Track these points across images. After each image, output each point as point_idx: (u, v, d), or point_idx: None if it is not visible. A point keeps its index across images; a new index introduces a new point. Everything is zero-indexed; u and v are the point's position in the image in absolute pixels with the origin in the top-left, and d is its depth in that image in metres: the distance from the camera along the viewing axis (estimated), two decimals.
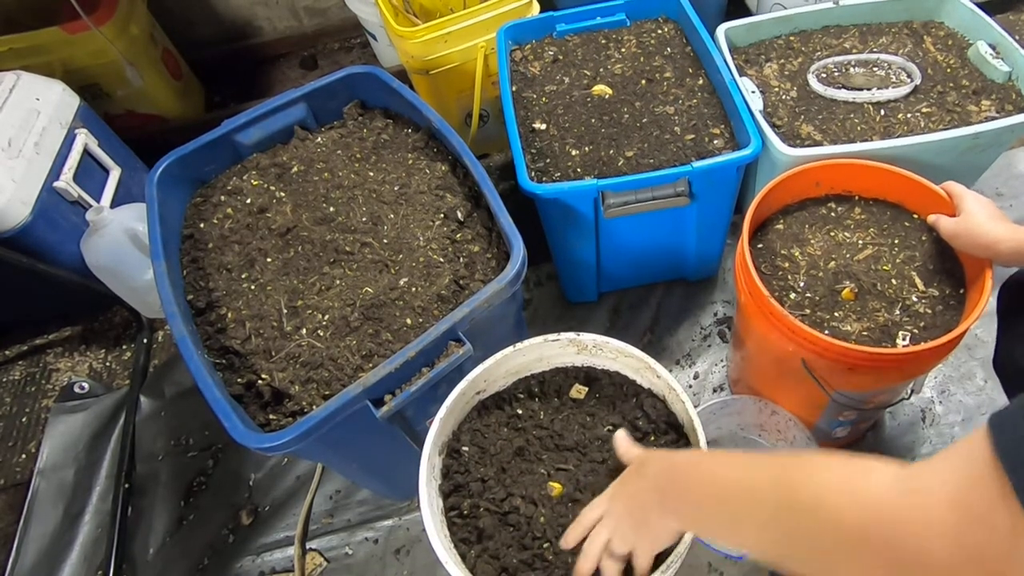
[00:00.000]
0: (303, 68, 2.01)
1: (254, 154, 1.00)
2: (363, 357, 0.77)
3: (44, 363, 1.40)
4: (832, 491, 0.40)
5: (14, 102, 1.22)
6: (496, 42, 1.18)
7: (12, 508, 1.20)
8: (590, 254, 1.11)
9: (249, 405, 0.75)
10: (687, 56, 1.15)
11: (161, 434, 1.24)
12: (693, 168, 0.94)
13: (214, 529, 1.11)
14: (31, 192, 1.16)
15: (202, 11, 1.89)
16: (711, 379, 1.17)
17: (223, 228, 0.92)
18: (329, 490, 1.13)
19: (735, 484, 0.48)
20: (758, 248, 0.91)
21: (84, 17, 1.41)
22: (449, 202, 0.91)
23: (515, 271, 0.76)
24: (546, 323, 1.27)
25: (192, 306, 0.84)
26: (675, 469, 0.55)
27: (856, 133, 1.03)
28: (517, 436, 0.77)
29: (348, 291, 0.83)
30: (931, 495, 0.34)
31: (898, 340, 0.79)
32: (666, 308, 1.26)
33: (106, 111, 1.61)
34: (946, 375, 1.11)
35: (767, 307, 0.79)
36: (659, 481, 0.56)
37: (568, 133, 1.07)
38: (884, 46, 1.16)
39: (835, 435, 1.00)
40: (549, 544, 0.68)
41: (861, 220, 0.91)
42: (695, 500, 0.52)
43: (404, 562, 1.04)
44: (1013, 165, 1.36)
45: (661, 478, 0.56)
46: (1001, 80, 1.06)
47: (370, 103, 1.06)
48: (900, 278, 0.84)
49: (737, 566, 0.96)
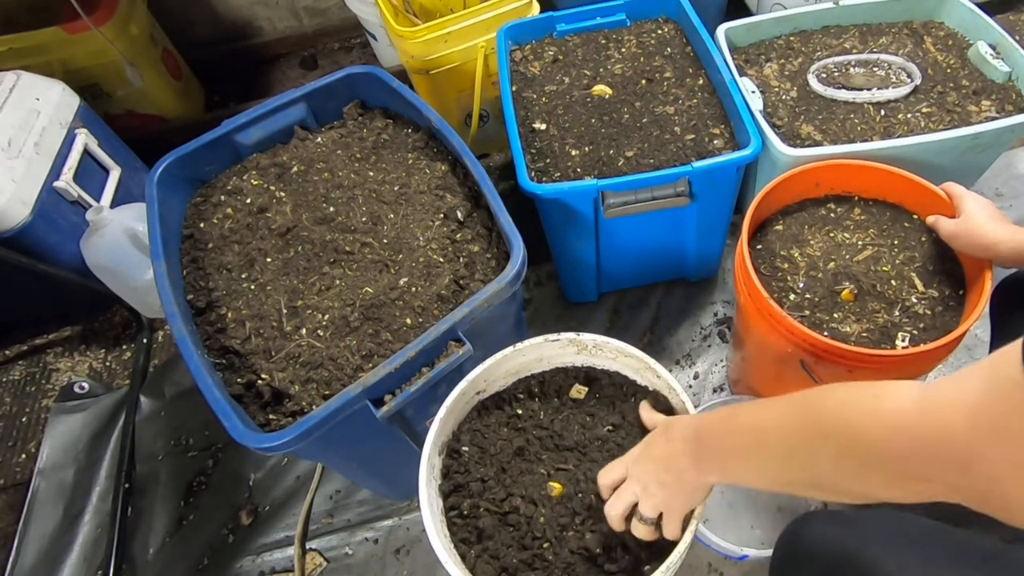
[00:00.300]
0: (303, 68, 2.01)
1: (254, 154, 1.00)
2: (363, 357, 0.77)
3: (44, 363, 1.40)
4: (856, 412, 0.42)
5: (14, 102, 1.22)
6: (496, 42, 1.18)
7: (12, 508, 1.21)
8: (590, 254, 1.11)
9: (249, 405, 0.75)
10: (687, 56, 1.15)
11: (161, 434, 1.24)
12: (693, 168, 0.94)
13: (214, 529, 1.11)
14: (31, 192, 1.16)
15: (202, 11, 1.89)
16: (711, 379, 1.17)
17: (223, 228, 0.92)
18: (329, 490, 1.13)
19: (765, 424, 0.51)
20: (758, 249, 0.91)
21: (84, 17, 1.41)
22: (449, 202, 0.91)
23: (515, 271, 0.76)
24: (546, 323, 1.27)
25: (192, 306, 0.84)
26: (703, 426, 0.57)
27: (856, 133, 1.03)
28: (517, 436, 0.77)
29: (348, 291, 0.83)
30: (952, 408, 0.35)
31: (897, 341, 0.79)
32: (666, 308, 1.26)
33: (106, 111, 1.61)
34: (946, 376, 1.11)
35: (766, 308, 0.79)
36: (689, 442, 0.57)
37: (568, 133, 1.07)
38: (884, 46, 1.16)
39: None
40: (549, 544, 0.68)
41: (861, 221, 0.91)
42: (729, 449, 0.54)
43: (404, 562, 1.04)
44: (1013, 165, 1.36)
45: (690, 438, 0.57)
46: (1001, 80, 1.06)
47: (370, 103, 1.06)
48: (900, 279, 0.84)
49: (737, 566, 0.96)
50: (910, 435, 0.37)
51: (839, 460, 0.43)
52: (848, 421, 0.42)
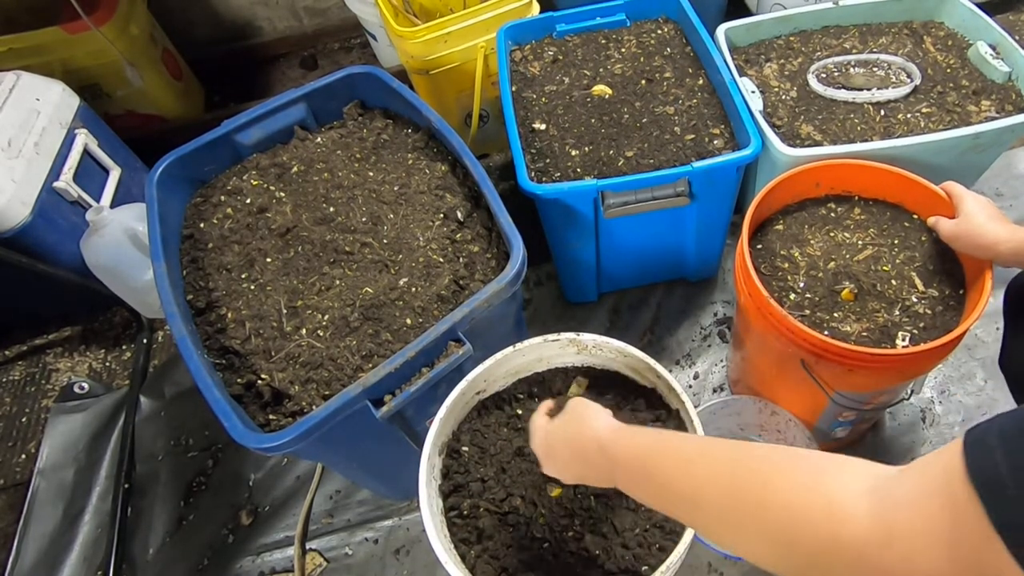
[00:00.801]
0: (303, 68, 2.01)
1: (254, 154, 1.00)
2: (363, 357, 0.77)
3: (44, 363, 1.40)
4: (805, 525, 0.38)
5: (14, 102, 1.22)
6: (496, 42, 1.18)
7: (12, 508, 1.21)
8: (590, 254, 1.11)
9: (249, 405, 0.75)
10: (687, 56, 1.15)
11: (161, 434, 1.24)
12: (693, 168, 0.94)
13: (214, 529, 1.11)
14: (31, 192, 1.16)
15: (202, 11, 1.89)
16: (711, 379, 1.17)
17: (223, 228, 0.92)
18: (329, 490, 1.13)
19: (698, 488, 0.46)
20: (758, 248, 0.91)
21: (84, 17, 1.41)
22: (449, 202, 0.91)
23: (515, 271, 0.76)
24: (546, 323, 1.27)
25: (192, 306, 0.84)
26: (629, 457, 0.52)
27: (856, 133, 1.03)
28: (517, 436, 0.77)
29: (348, 291, 0.83)
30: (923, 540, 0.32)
31: (898, 341, 0.79)
32: (666, 308, 1.26)
33: (106, 111, 1.61)
34: (946, 375, 1.12)
35: (767, 308, 0.79)
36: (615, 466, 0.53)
37: (568, 133, 1.07)
38: (884, 46, 1.16)
39: (835, 435, 1.00)
40: (549, 544, 0.68)
41: (861, 220, 0.91)
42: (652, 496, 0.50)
43: (404, 562, 1.04)
44: (1013, 165, 1.36)
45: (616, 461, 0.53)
46: (1001, 80, 1.06)
47: (370, 103, 1.06)
48: (900, 279, 0.84)
49: (737, 566, 0.96)
50: (872, 567, 0.34)
51: (779, 558, 0.40)
52: (797, 535, 0.38)
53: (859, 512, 0.35)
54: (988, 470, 0.30)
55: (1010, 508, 0.29)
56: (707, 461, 0.46)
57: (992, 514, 0.29)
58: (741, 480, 0.43)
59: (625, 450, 0.53)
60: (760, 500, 0.40)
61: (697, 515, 0.46)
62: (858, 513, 0.35)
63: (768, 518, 0.40)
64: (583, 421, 0.58)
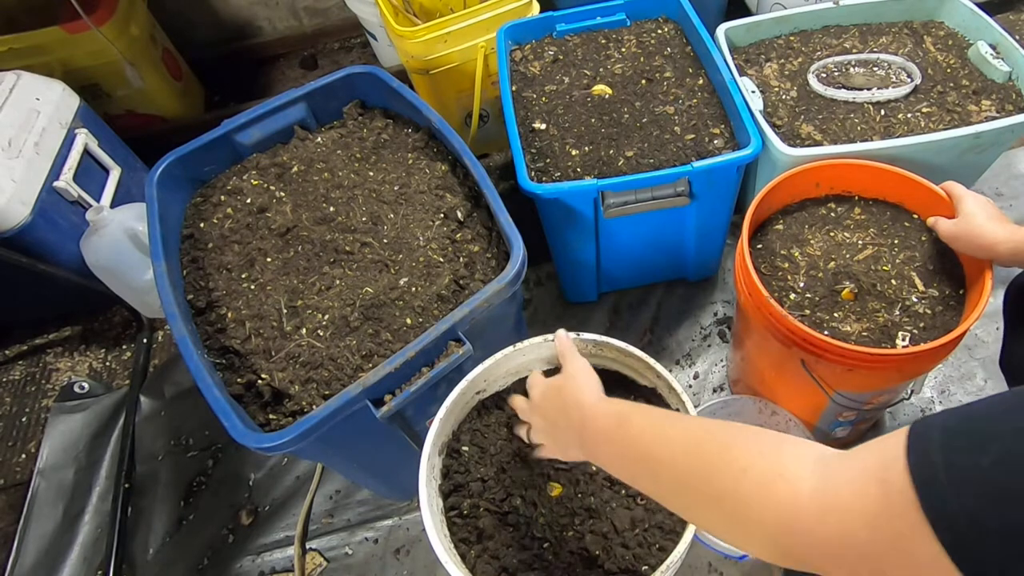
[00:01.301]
0: (303, 68, 2.01)
1: (254, 154, 1.00)
2: (363, 357, 0.77)
3: (44, 363, 1.40)
4: (754, 490, 0.41)
5: (14, 102, 1.22)
6: (496, 42, 1.18)
7: (12, 508, 1.21)
8: (590, 254, 1.11)
9: (249, 405, 0.75)
10: (687, 56, 1.15)
11: (161, 434, 1.24)
12: (693, 168, 0.94)
13: (214, 529, 1.11)
14: (31, 192, 1.16)
15: (202, 11, 1.89)
16: (711, 379, 1.17)
17: (223, 228, 0.92)
18: (329, 490, 1.13)
19: (658, 456, 0.50)
20: (758, 248, 0.91)
21: (84, 17, 1.41)
22: (449, 202, 0.91)
23: (515, 271, 0.76)
24: (546, 323, 1.27)
25: (192, 306, 0.84)
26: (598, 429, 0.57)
27: (856, 133, 1.03)
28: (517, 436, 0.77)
29: (348, 291, 0.83)
30: (852, 516, 0.35)
31: (898, 341, 0.79)
32: (666, 308, 1.26)
33: (106, 111, 1.61)
34: (946, 375, 1.12)
35: (767, 307, 0.79)
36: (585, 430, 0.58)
37: (568, 133, 1.07)
38: (884, 46, 1.16)
39: (835, 435, 1.00)
40: (549, 544, 0.69)
41: (861, 220, 0.91)
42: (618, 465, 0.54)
43: (404, 562, 1.04)
44: (1013, 165, 1.36)
45: (587, 429, 0.58)
46: (1001, 80, 1.06)
47: (370, 103, 1.06)
48: (900, 278, 0.84)
49: (737, 566, 0.96)
50: (806, 534, 0.37)
51: (725, 522, 0.44)
52: (743, 497, 0.41)
53: (804, 484, 0.39)
54: (925, 463, 0.33)
55: (939, 498, 0.31)
56: (675, 424, 0.50)
57: (923, 502, 0.31)
58: (705, 444, 0.46)
59: (600, 408, 0.58)
60: (720, 461, 0.44)
61: (661, 476, 0.49)
62: (803, 485, 0.39)
63: (725, 476, 0.43)
64: (574, 378, 0.63)
